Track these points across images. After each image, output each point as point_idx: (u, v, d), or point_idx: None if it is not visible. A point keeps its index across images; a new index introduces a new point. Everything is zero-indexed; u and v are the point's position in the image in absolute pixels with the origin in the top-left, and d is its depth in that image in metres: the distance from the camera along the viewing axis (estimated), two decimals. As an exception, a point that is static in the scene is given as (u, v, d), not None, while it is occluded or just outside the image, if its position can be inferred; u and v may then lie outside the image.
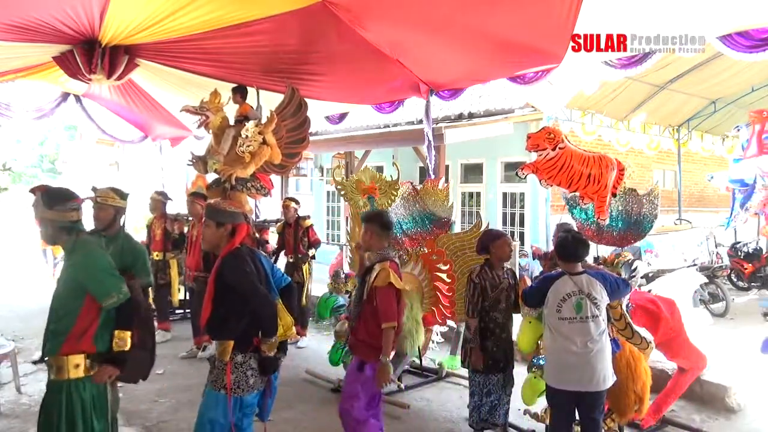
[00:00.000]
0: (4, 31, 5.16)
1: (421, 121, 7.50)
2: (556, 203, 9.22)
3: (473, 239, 4.57)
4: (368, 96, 7.16)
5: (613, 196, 4.38)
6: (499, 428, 4.15)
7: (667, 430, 4.45)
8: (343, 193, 5.55)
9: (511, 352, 4.16)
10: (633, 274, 4.12)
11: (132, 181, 13.77)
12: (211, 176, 6.56)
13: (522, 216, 9.94)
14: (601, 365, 3.39)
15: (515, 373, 4.19)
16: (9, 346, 5.25)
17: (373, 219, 3.71)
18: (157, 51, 5.89)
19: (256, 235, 6.44)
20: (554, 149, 4.32)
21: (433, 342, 5.82)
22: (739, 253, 8.66)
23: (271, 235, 7.82)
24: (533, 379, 4.01)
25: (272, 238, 7.68)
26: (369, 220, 3.71)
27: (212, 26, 5.14)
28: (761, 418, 4.65)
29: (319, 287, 7.68)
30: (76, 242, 2.87)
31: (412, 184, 5.59)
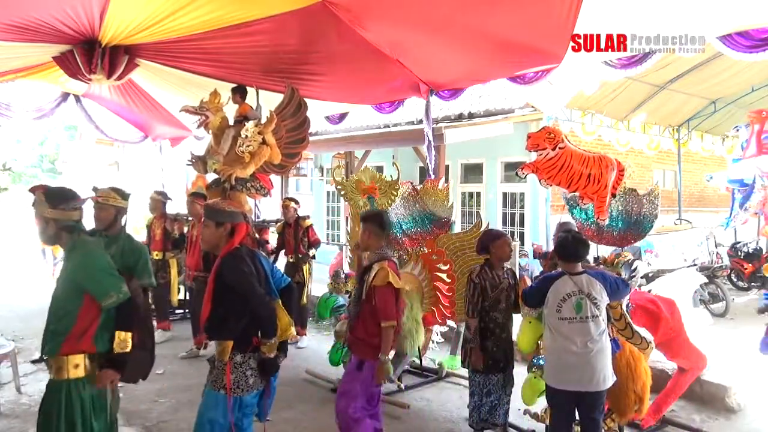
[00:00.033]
0: (4, 31, 5.16)
1: (421, 121, 7.50)
2: (556, 203, 9.22)
3: (473, 239, 4.58)
4: (368, 96, 7.16)
5: (613, 196, 4.38)
6: (499, 428, 4.15)
7: (667, 430, 4.45)
8: (343, 193, 5.55)
9: (511, 352, 4.16)
10: (633, 274, 4.11)
11: (132, 181, 13.78)
12: (210, 176, 6.57)
13: (522, 216, 9.93)
14: (601, 365, 3.40)
15: (515, 373, 4.19)
16: (9, 346, 5.25)
17: (371, 219, 3.72)
18: (157, 51, 5.89)
19: (256, 236, 6.44)
20: (554, 149, 4.33)
21: (433, 342, 5.82)
22: (739, 253, 8.66)
23: (271, 235, 7.82)
24: (533, 379, 4.01)
25: (272, 238, 7.67)
26: (367, 220, 3.72)
27: (212, 26, 5.14)
28: (761, 418, 4.65)
29: (319, 287, 7.67)
30: (76, 242, 2.87)
31: (412, 184, 5.59)
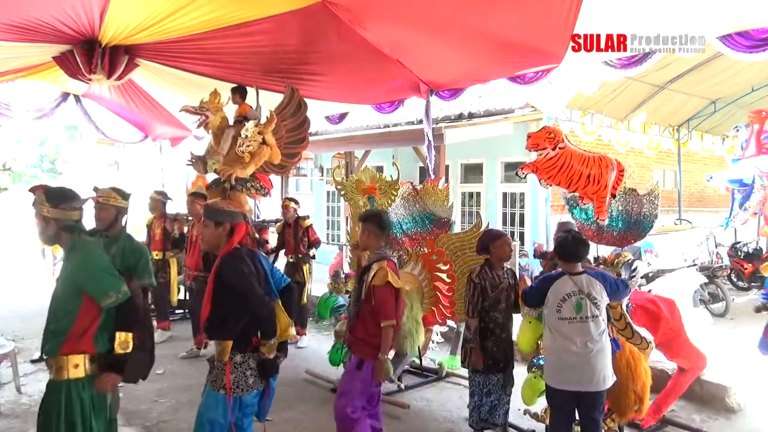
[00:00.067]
0: (4, 31, 5.16)
1: (421, 121, 7.50)
2: (556, 203, 9.22)
3: (473, 239, 4.58)
4: (368, 96, 7.16)
5: (613, 196, 4.38)
6: (499, 428, 4.15)
7: (667, 430, 4.45)
8: (343, 193, 5.55)
9: (511, 352, 4.16)
10: (633, 274, 4.12)
11: (132, 181, 13.78)
12: (210, 176, 6.57)
13: (522, 216, 9.93)
14: (601, 365, 3.40)
15: (515, 373, 4.19)
16: (9, 346, 5.25)
17: (370, 218, 3.72)
18: (157, 51, 5.89)
19: (256, 236, 6.44)
20: (554, 149, 4.33)
21: (433, 342, 5.82)
22: (739, 253, 8.66)
23: (271, 235, 7.83)
24: (533, 379, 4.01)
25: (272, 238, 7.68)
26: (366, 220, 3.72)
27: (212, 26, 5.14)
28: (761, 418, 4.65)
29: (319, 287, 7.67)
30: (76, 242, 2.87)
31: (412, 184, 5.59)
